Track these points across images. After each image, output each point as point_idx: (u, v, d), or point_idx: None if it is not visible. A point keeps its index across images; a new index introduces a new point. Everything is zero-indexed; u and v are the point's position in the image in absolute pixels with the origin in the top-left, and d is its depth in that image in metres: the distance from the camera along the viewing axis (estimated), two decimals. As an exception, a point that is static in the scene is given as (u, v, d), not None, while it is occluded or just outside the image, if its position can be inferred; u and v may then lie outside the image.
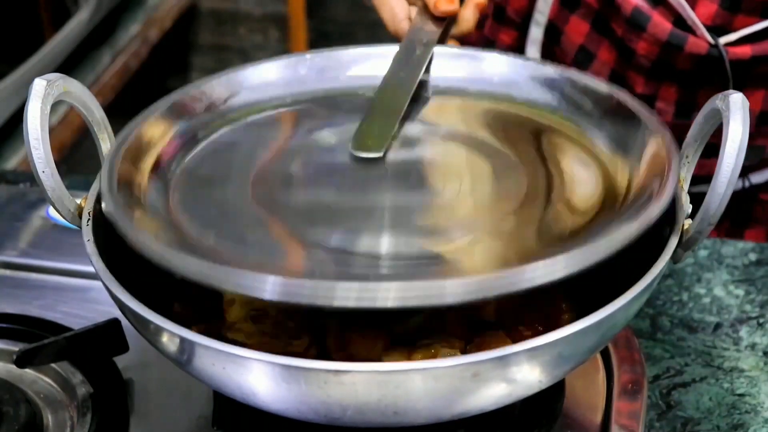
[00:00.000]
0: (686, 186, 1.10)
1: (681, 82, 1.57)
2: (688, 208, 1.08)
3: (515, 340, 1.12)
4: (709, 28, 1.57)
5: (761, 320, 1.36)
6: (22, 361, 1.14)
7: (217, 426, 1.13)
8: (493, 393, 0.96)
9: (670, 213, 1.08)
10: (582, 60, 1.65)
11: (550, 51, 1.71)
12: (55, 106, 1.10)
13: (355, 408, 0.94)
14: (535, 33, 1.67)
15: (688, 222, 1.06)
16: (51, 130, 1.09)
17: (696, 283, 1.42)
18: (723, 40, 1.57)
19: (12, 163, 2.27)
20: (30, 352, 1.14)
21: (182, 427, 1.15)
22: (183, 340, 0.96)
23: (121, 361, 1.20)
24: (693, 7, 1.56)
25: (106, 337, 1.19)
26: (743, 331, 1.34)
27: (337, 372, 0.91)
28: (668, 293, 1.40)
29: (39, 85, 1.07)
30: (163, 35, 3.02)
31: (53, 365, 1.18)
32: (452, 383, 0.92)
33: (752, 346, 1.32)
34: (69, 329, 1.21)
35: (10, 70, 2.24)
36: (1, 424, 1.10)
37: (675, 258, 1.05)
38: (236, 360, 0.93)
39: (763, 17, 1.56)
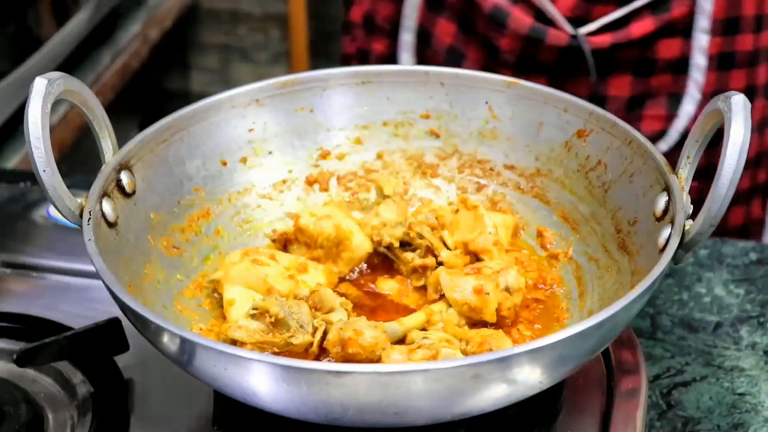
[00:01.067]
0: (687, 186, 1.10)
1: (548, 74, 1.61)
2: (689, 208, 1.08)
3: (515, 340, 1.13)
4: (569, 20, 1.61)
5: (761, 319, 1.36)
6: (22, 360, 1.13)
7: (217, 426, 1.13)
8: (493, 394, 0.96)
9: (671, 215, 1.08)
10: (452, 60, 1.70)
11: (422, 54, 1.75)
12: (55, 105, 1.09)
13: (356, 408, 0.94)
14: (407, 38, 1.72)
15: (689, 223, 1.05)
16: (51, 129, 1.08)
17: (696, 283, 1.41)
18: (583, 30, 1.60)
19: (12, 162, 2.26)
20: (30, 351, 1.14)
21: (183, 427, 1.14)
22: (184, 340, 0.95)
23: (121, 360, 1.20)
24: (553, 1, 1.62)
25: (107, 337, 1.18)
26: (744, 331, 1.34)
27: (338, 373, 0.90)
28: (669, 292, 1.39)
29: (40, 83, 1.07)
30: (164, 35, 3.02)
31: (54, 365, 1.18)
32: (453, 384, 0.92)
33: (753, 346, 1.32)
34: (69, 328, 1.21)
35: (10, 69, 2.23)
36: (2, 423, 1.10)
37: (676, 259, 1.04)
38: (238, 361, 0.93)
39: (619, 6, 1.61)
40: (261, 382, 0.93)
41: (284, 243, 1.32)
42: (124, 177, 1.19)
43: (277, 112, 1.36)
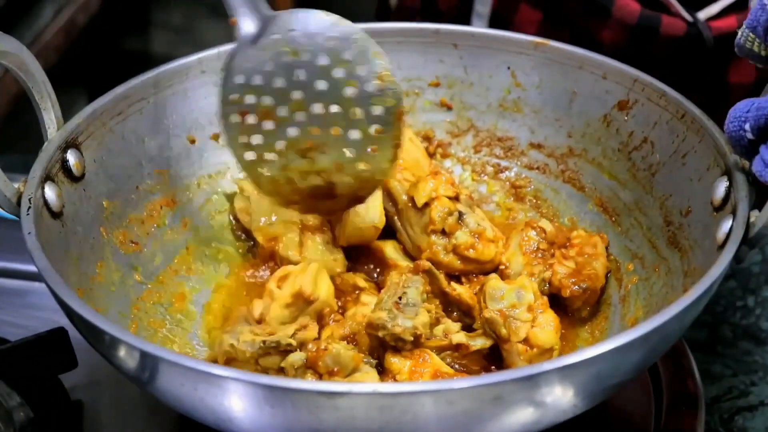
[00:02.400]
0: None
1: (658, 70, 1.55)
2: (753, 195, 1.08)
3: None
4: (683, 2, 1.55)
5: (841, 331, 1.37)
6: (-56, 380, 1.13)
7: (184, 458, 1.14)
8: (518, 419, 0.96)
9: (732, 203, 1.08)
10: None
11: None
12: (-15, 70, 1.10)
13: (351, 437, 0.94)
14: (478, 26, 1.67)
15: (754, 214, 1.05)
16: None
17: (764, 285, 1.42)
18: (703, 14, 1.56)
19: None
20: (-45, 369, 1.14)
21: (142, 459, 1.15)
22: (145, 354, 0.96)
23: (68, 379, 1.20)
24: None
25: (50, 351, 1.19)
26: (820, 344, 1.35)
27: (331, 394, 0.90)
28: (730, 297, 1.40)
29: (-35, 44, 1.07)
30: (118, -16, 3.01)
31: (-15, 385, 1.18)
32: (470, 408, 0.92)
33: (830, 362, 1.32)
34: (5, 341, 1.21)
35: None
36: None
37: (739, 257, 1.05)
38: (211, 379, 0.93)
39: None
40: (238, 405, 0.94)
41: None
42: (71, 157, 1.19)
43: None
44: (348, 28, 1.17)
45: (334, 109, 1.18)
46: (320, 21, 1.16)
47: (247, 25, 1.17)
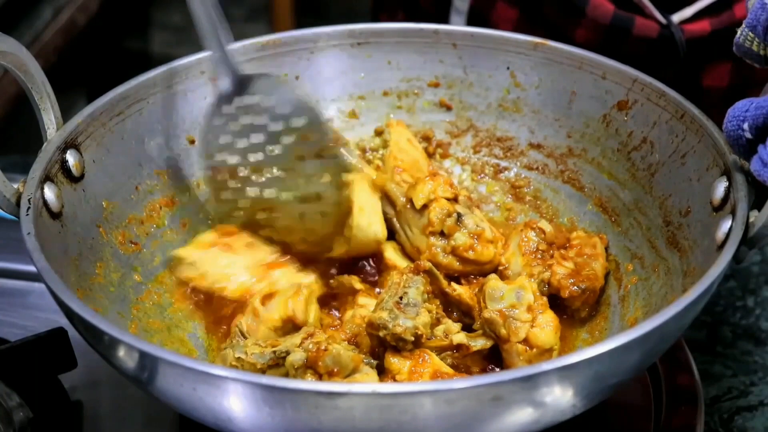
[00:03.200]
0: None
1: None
2: (752, 195, 1.08)
3: None
4: (657, 5, 1.54)
5: (841, 331, 1.37)
6: (-56, 380, 1.13)
7: (183, 457, 1.14)
8: (517, 419, 0.96)
9: (731, 203, 1.08)
10: None
11: None
12: (-16, 70, 1.10)
13: (351, 437, 0.94)
14: (457, 22, 1.68)
15: (753, 214, 1.05)
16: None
17: (764, 285, 1.42)
18: (676, 17, 1.56)
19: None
20: (-46, 369, 1.14)
21: (141, 459, 1.15)
22: (144, 355, 0.96)
23: (67, 379, 1.20)
24: None
25: (50, 351, 1.19)
26: (820, 344, 1.35)
27: (330, 394, 0.91)
28: (730, 297, 1.40)
29: (-35, 44, 1.07)
30: (117, -16, 3.01)
31: (-16, 385, 1.18)
32: (469, 408, 0.92)
33: (830, 362, 1.32)
34: (5, 341, 1.21)
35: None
36: None
37: (738, 257, 1.05)
38: (210, 380, 0.93)
39: None
40: (237, 405, 0.94)
41: None
42: (71, 157, 1.19)
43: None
44: (304, 98, 1.24)
45: (286, 173, 1.24)
46: (283, 90, 1.24)
47: (224, 82, 1.23)
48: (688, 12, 1.55)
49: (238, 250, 1.25)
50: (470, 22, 1.66)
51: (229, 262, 1.24)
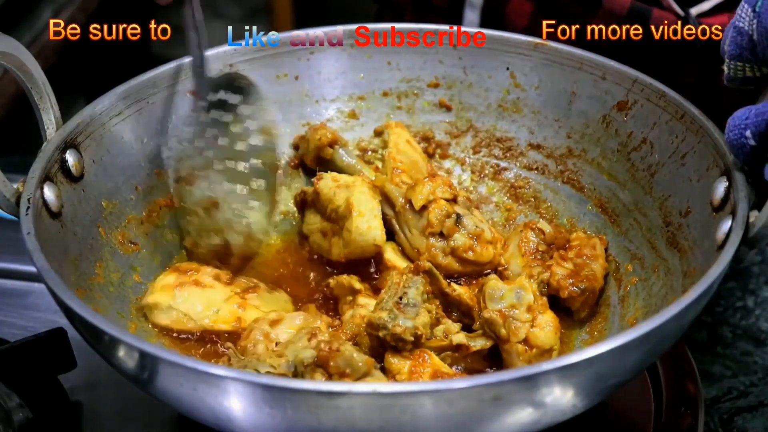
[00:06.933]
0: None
1: (648, 64, 1.54)
2: (752, 196, 1.08)
3: None
4: None
5: (841, 331, 1.37)
6: (-58, 380, 1.13)
7: (183, 457, 1.14)
8: (517, 419, 0.96)
9: (731, 204, 1.08)
10: None
11: None
12: (-16, 71, 1.10)
13: (351, 437, 0.94)
14: (470, 18, 1.66)
15: (753, 214, 1.05)
16: (-20, 100, 1.09)
17: (764, 286, 1.42)
18: (695, 10, 1.56)
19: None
20: (-47, 369, 1.14)
21: (141, 459, 1.15)
22: (144, 354, 0.96)
23: (67, 380, 1.20)
24: None
25: (50, 351, 1.19)
26: (820, 345, 1.35)
27: (330, 394, 0.91)
28: (730, 298, 1.40)
29: (-35, 45, 1.07)
30: (117, -16, 3.01)
31: (-16, 385, 1.18)
32: (469, 408, 0.93)
33: (831, 363, 1.32)
34: (4, 341, 1.21)
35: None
36: None
37: (738, 257, 1.05)
38: (210, 380, 0.93)
39: None
40: (238, 405, 0.94)
41: (301, 204, 1.35)
42: (70, 157, 1.19)
43: (254, 79, 1.36)
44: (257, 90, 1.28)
45: (230, 165, 1.25)
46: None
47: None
48: (705, 5, 1.54)
49: (207, 284, 1.24)
50: (484, 16, 1.65)
51: (206, 297, 1.23)
